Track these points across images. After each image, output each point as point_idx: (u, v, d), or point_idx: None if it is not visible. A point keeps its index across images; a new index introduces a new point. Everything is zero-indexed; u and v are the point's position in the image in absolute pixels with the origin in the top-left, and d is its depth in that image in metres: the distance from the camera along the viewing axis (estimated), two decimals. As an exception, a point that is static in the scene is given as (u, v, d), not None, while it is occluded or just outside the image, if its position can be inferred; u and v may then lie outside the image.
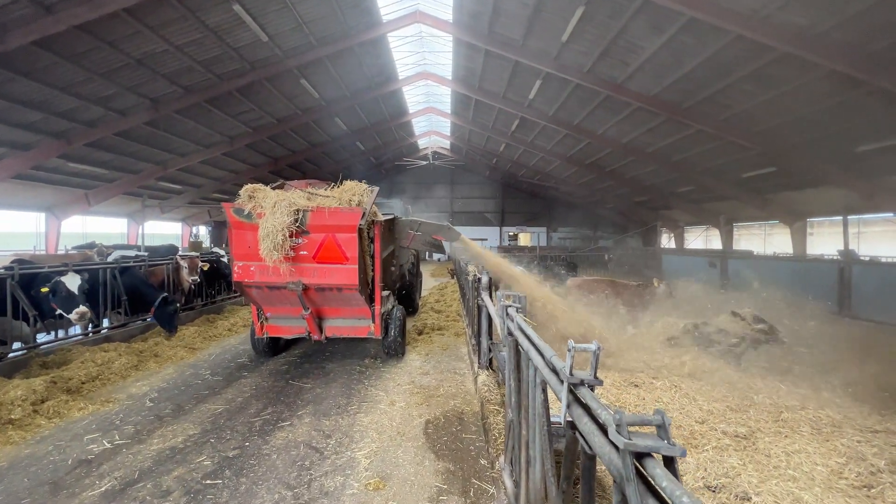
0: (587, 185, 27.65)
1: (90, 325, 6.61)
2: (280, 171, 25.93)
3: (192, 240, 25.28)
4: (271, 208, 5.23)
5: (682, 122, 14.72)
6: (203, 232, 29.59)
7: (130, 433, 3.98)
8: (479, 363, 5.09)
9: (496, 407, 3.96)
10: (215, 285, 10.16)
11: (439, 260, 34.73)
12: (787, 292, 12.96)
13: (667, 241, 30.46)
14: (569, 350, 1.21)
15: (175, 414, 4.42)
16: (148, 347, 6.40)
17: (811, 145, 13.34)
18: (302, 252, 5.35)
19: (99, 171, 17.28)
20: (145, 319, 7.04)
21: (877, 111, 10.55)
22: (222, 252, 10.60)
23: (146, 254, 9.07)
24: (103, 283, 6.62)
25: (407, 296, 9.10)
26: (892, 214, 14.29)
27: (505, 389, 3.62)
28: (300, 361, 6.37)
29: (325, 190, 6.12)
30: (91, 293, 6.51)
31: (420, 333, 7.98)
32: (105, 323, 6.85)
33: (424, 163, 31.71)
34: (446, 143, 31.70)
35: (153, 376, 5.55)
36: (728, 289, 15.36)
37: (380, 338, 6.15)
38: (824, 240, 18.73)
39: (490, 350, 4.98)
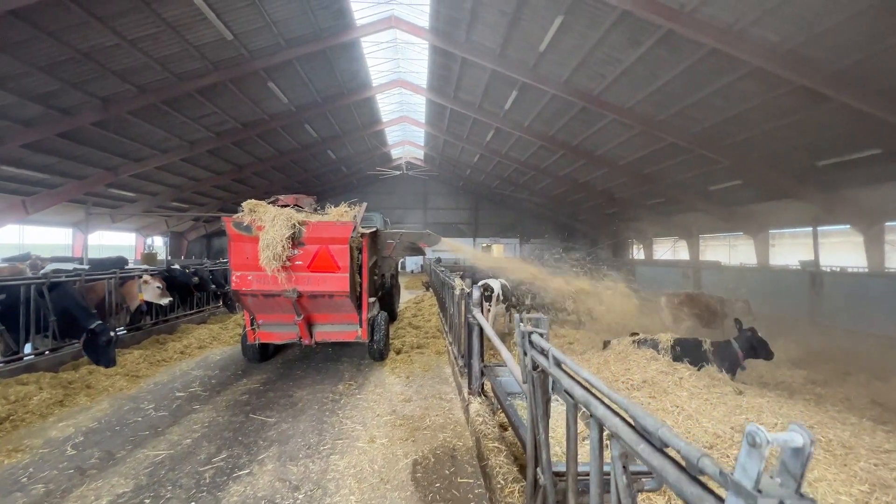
0: (560, 197, 27.91)
1: (7, 353, 5.59)
2: (245, 179, 24.71)
3: (145, 251, 23.49)
4: (271, 221, 5.64)
5: (654, 135, 14.96)
6: (159, 243, 27.70)
7: (39, 495, 3.12)
8: (469, 388, 4.53)
9: (495, 444, 3.41)
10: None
11: (412, 272, 34.04)
12: (760, 302, 13.21)
13: (635, 252, 31.14)
14: (758, 444, 0.69)
15: (103, 464, 3.58)
16: (79, 377, 5.41)
17: (775, 159, 13.82)
18: (297, 262, 5.79)
19: (38, 176, 15.69)
20: (76, 343, 6.05)
21: (838, 127, 10.98)
22: (177, 265, 9.60)
23: (86, 267, 8.00)
24: (25, 302, 5.63)
25: (387, 303, 9.36)
26: (848, 227, 14.88)
27: (518, 430, 3.08)
28: (263, 389, 5.59)
29: (317, 213, 6.68)
30: (9, 314, 5.54)
31: (398, 353, 7.34)
32: (28, 349, 5.82)
33: (398, 173, 31.15)
34: (420, 154, 31.34)
35: (81, 414, 4.63)
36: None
37: (366, 342, 6.64)
38: (785, 250, 19.45)
39: (483, 374, 4.44)
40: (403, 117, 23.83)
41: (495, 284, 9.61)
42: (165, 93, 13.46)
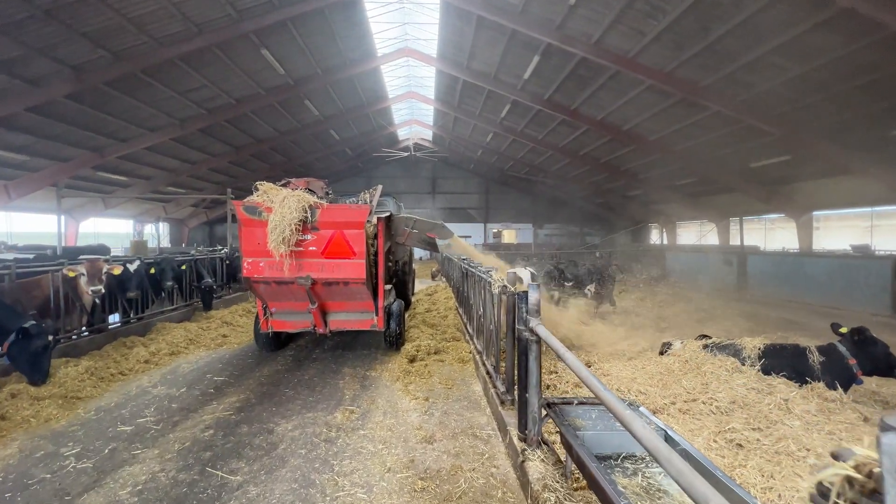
0: (578, 179, 26.15)
1: None
2: (243, 161, 23.29)
3: (134, 239, 22.31)
4: (280, 203, 5.36)
5: (696, 104, 13.22)
6: (153, 230, 26.52)
7: None
8: (521, 433, 3.11)
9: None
10: (147, 294, 7.76)
11: (420, 259, 32.67)
12: (820, 295, 11.59)
13: (657, 237, 29.41)
14: None
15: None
16: (-6, 404, 4.12)
17: (839, 128, 12.04)
18: (311, 248, 5.54)
19: (17, 158, 14.41)
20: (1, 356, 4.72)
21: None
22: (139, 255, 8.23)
23: (31, 256, 6.67)
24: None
25: (401, 290, 9.02)
26: (916, 206, 13.15)
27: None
28: (235, 419, 4.20)
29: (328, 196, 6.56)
30: None
31: (412, 361, 5.94)
32: (-65, 365, 4.53)
33: (405, 154, 29.48)
34: (428, 134, 29.63)
35: (-26, 465, 3.32)
36: (748, 290, 13.95)
37: (381, 330, 6.35)
38: (832, 234, 17.68)
39: (545, 414, 3.01)
40: (411, 93, 22.11)
41: (524, 274, 8.16)
42: (145, 60, 11.95)
